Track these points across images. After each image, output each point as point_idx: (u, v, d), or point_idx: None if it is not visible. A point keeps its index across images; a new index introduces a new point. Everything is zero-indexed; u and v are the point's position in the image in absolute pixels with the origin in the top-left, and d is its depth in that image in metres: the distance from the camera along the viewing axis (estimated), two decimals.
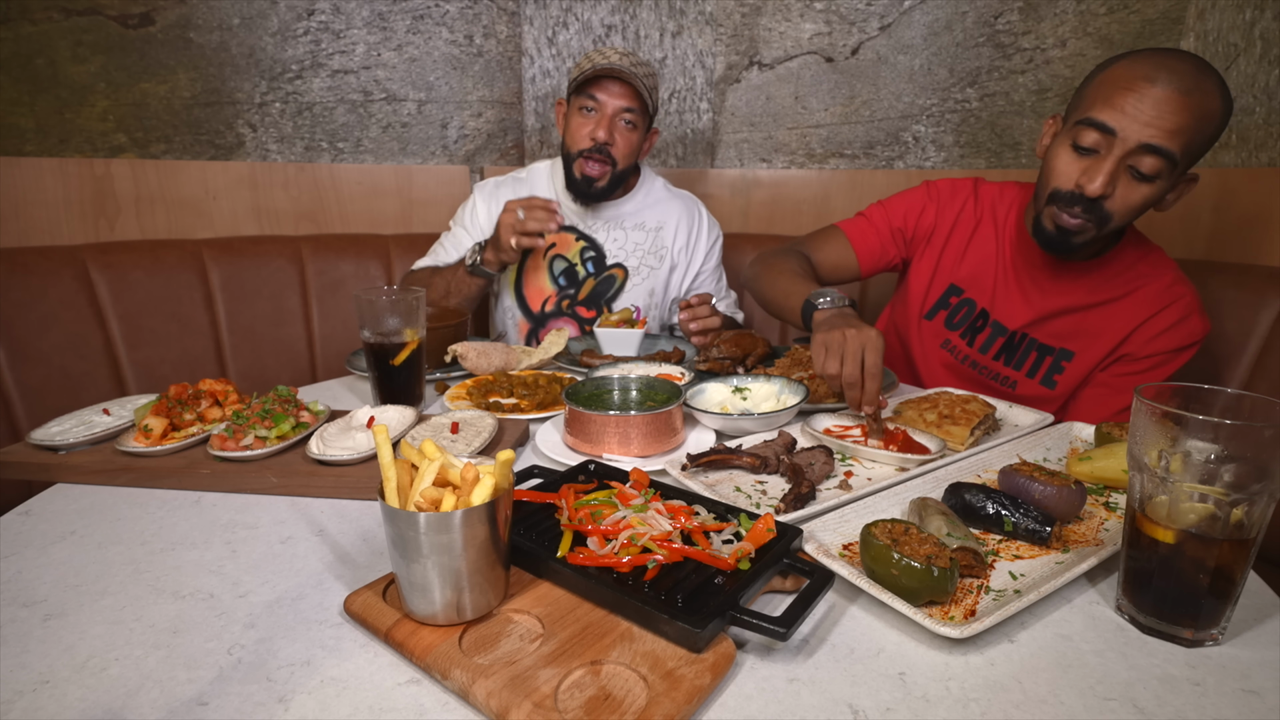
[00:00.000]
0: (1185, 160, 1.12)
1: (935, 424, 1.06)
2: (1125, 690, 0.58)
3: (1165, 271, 1.31)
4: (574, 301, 1.79)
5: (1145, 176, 1.13)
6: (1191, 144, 1.11)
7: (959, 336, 1.46)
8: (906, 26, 2.09)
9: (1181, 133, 1.09)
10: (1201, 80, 1.09)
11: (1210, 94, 1.09)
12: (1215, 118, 1.11)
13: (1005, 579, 0.71)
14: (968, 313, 1.45)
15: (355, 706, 0.55)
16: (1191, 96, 1.08)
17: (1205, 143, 1.13)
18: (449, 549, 0.59)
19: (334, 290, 1.96)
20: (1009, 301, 1.40)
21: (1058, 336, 1.36)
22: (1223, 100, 1.10)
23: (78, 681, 0.57)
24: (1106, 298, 1.32)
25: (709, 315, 1.50)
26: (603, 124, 1.61)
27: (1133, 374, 1.32)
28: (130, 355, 1.75)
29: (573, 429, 1.02)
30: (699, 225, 1.86)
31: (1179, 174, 1.15)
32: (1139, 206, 1.16)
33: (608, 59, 1.58)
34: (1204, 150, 1.14)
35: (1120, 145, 1.11)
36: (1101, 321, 1.33)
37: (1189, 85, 1.08)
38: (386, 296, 1.18)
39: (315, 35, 2.04)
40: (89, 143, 1.92)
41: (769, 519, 0.71)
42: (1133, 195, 1.15)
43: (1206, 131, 1.11)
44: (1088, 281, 1.33)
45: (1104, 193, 1.14)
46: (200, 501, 0.89)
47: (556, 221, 1.51)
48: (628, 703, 0.53)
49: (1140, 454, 0.64)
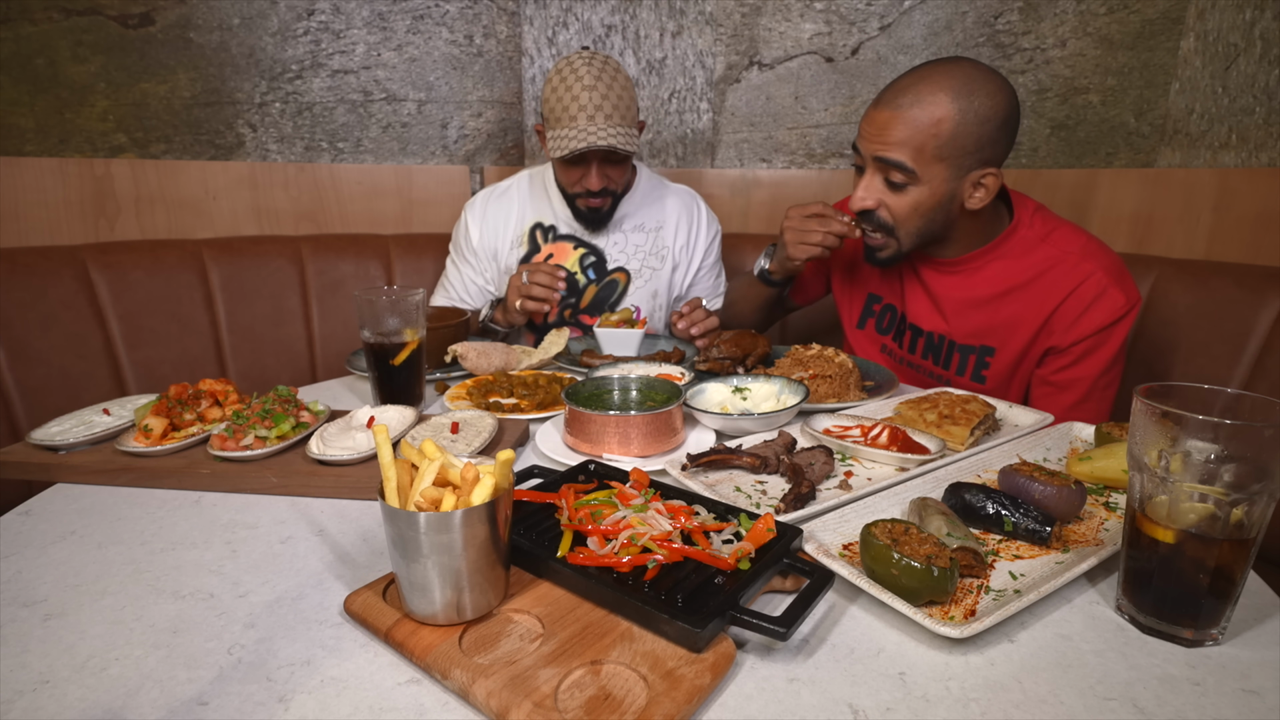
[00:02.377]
0: (934, 164, 1.21)
1: (935, 424, 1.06)
2: (1125, 690, 0.58)
3: (1070, 250, 1.29)
4: (576, 310, 1.78)
5: (896, 184, 1.25)
6: (923, 150, 1.20)
7: (891, 340, 1.52)
8: (906, 26, 2.09)
9: (902, 144, 1.21)
10: (922, 93, 1.20)
11: (929, 103, 1.19)
12: (946, 121, 1.19)
13: (1005, 579, 0.71)
14: (891, 317, 1.52)
15: (355, 706, 0.55)
16: (902, 110, 1.20)
17: (952, 143, 1.19)
18: (449, 549, 0.59)
19: (334, 290, 1.96)
20: (918, 304, 1.45)
21: (973, 335, 1.38)
22: (954, 100, 1.18)
23: (78, 681, 0.57)
24: (1009, 286, 1.32)
25: (706, 318, 1.51)
26: (592, 175, 1.60)
27: (1067, 366, 1.31)
28: (130, 355, 1.75)
29: (573, 429, 1.02)
30: (698, 221, 1.84)
31: (939, 175, 1.23)
32: (909, 211, 1.27)
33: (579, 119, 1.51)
34: (964, 149, 1.20)
35: (867, 162, 1.28)
36: (1013, 312, 1.33)
37: (901, 101, 1.21)
38: (386, 296, 1.18)
39: (315, 35, 2.04)
40: (89, 143, 1.92)
41: (769, 519, 0.71)
42: (896, 202, 1.27)
43: (940, 134, 1.19)
44: (986, 274, 1.34)
45: (863, 206, 1.29)
46: (200, 501, 0.89)
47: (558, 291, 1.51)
48: (628, 702, 0.53)
49: (1140, 454, 0.64)
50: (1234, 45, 1.69)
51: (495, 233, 1.78)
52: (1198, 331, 1.50)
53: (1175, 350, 1.53)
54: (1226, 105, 1.71)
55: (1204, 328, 1.49)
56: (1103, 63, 1.89)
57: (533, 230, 1.78)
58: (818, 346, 1.32)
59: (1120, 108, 1.88)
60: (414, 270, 2.01)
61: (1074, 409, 1.32)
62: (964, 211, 1.29)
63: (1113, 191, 1.89)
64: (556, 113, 1.56)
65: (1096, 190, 1.92)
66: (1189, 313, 1.52)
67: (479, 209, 1.79)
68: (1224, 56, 1.71)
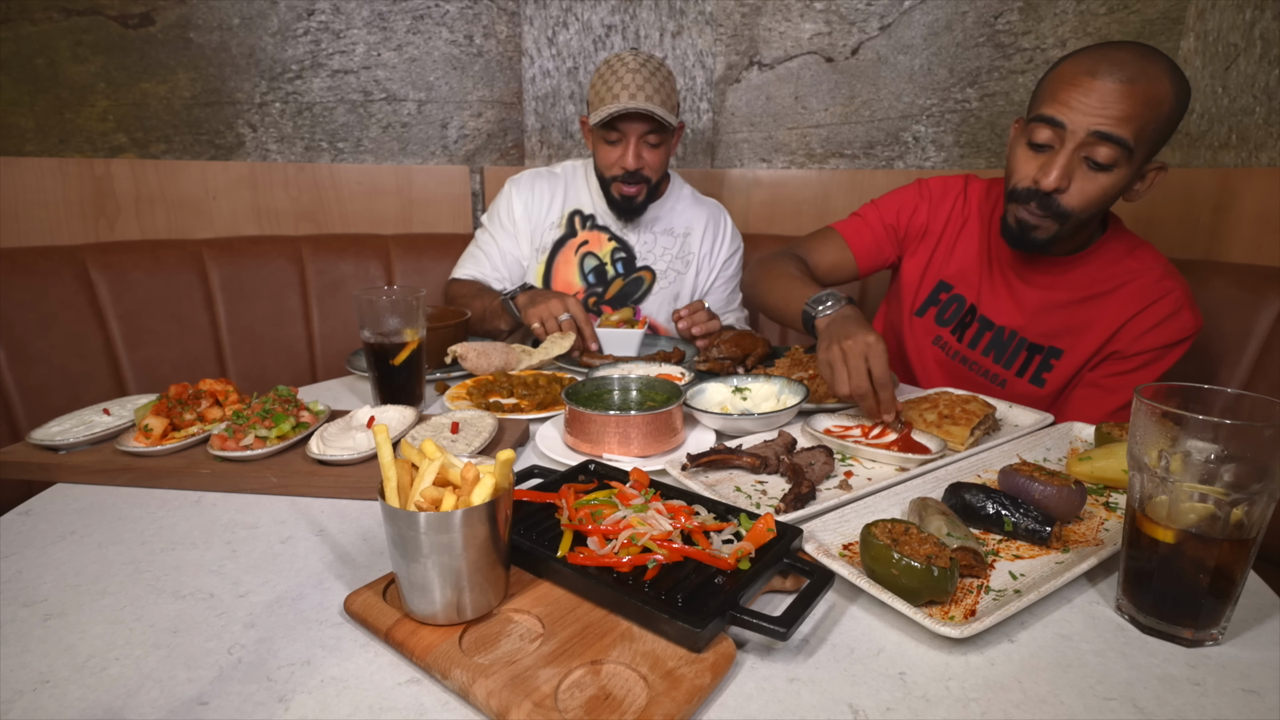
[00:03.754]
0: (1142, 147, 1.14)
1: (935, 424, 1.06)
2: (1125, 690, 0.58)
3: (1154, 266, 1.30)
4: (600, 300, 1.80)
5: (1101, 166, 1.15)
6: (1144, 130, 1.13)
7: (949, 333, 1.47)
8: (906, 26, 2.09)
9: (1130, 119, 1.11)
10: (1147, 67, 1.11)
11: (1157, 80, 1.11)
12: (1166, 102, 1.12)
13: (1005, 579, 0.71)
14: (957, 309, 1.46)
15: (355, 706, 0.55)
16: (1136, 84, 1.11)
17: (1161, 127, 1.14)
18: (449, 549, 0.59)
19: (334, 290, 1.96)
20: (995, 298, 1.41)
21: (1046, 335, 1.36)
22: (1173, 84, 1.12)
23: (78, 681, 0.57)
24: (1093, 293, 1.32)
25: (708, 319, 1.52)
26: (629, 152, 1.63)
27: (1123, 373, 1.31)
28: (130, 355, 1.75)
29: (573, 429, 1.02)
30: (723, 233, 1.89)
31: (1139, 162, 1.16)
32: (1098, 198, 1.18)
33: (620, 97, 1.55)
34: (1162, 136, 1.16)
35: (1071, 138, 1.15)
36: (1089, 317, 1.32)
37: (1132, 74, 1.11)
38: (386, 296, 1.18)
39: (315, 35, 2.04)
40: (89, 143, 1.92)
41: (769, 519, 0.71)
42: (1090, 187, 1.17)
43: (1160, 116, 1.13)
44: (1073, 277, 1.33)
45: (1058, 186, 1.18)
46: (200, 501, 0.89)
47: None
48: (628, 702, 0.53)
49: (1140, 454, 0.64)
50: (1234, 45, 1.69)
51: (538, 209, 1.81)
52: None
53: None
54: (1226, 105, 1.71)
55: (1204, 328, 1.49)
56: None
57: (572, 216, 1.81)
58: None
59: None
60: (414, 270, 2.01)
61: (1114, 414, 1.31)
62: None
63: None
64: (600, 93, 1.60)
65: None
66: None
67: (526, 184, 1.82)
68: (1224, 56, 1.71)
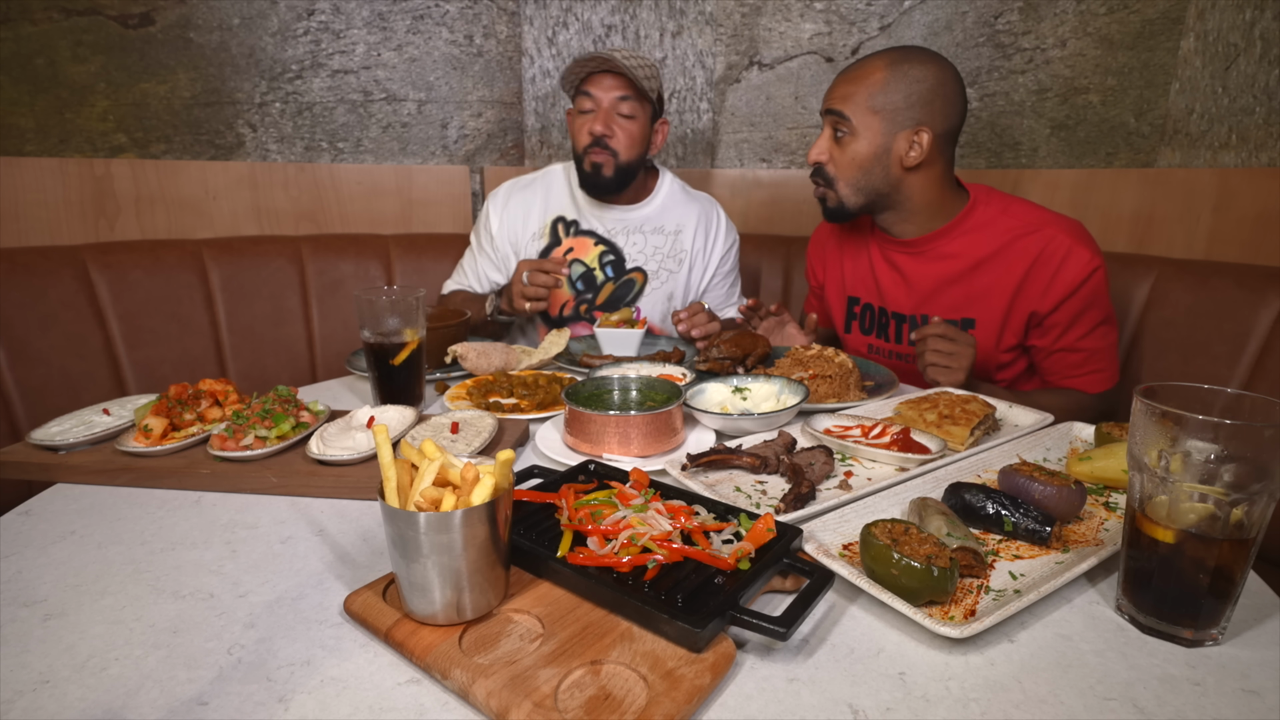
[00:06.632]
0: (864, 113, 1.37)
1: (935, 424, 1.06)
2: (1125, 690, 0.58)
3: (1029, 219, 1.38)
4: (592, 306, 1.79)
5: (839, 135, 1.40)
6: (858, 97, 1.36)
7: (875, 338, 1.60)
8: (906, 26, 2.09)
9: (844, 97, 1.38)
10: (865, 60, 1.38)
11: (870, 65, 1.37)
12: (878, 73, 1.35)
13: (1005, 579, 0.71)
14: (871, 315, 1.60)
15: (355, 706, 0.55)
16: (848, 73, 1.39)
17: (886, 92, 1.34)
18: (449, 549, 0.59)
19: (334, 290, 1.96)
20: (894, 291, 1.53)
21: (953, 308, 1.45)
22: (889, 64, 1.34)
23: (78, 681, 0.57)
24: (979, 257, 1.41)
25: (708, 320, 1.52)
26: (599, 118, 1.63)
27: (1060, 327, 1.38)
28: (130, 355, 1.75)
29: (573, 429, 1.02)
30: (716, 228, 1.86)
31: (873, 126, 1.37)
32: (850, 161, 1.40)
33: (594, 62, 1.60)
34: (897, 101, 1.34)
35: (823, 123, 1.45)
36: (987, 283, 1.41)
37: (851, 68, 1.40)
38: (386, 296, 1.18)
39: (315, 35, 2.04)
40: (89, 143, 1.92)
41: (769, 519, 0.71)
42: (841, 154, 1.41)
43: (875, 83, 1.35)
44: (952, 249, 1.43)
45: (817, 159, 1.44)
46: (200, 501, 0.89)
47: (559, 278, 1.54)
48: (628, 702, 0.53)
49: (1140, 454, 0.64)
50: (1234, 45, 1.69)
51: (517, 224, 1.79)
52: (1198, 331, 1.50)
53: (1175, 350, 1.53)
54: (1226, 105, 1.71)
55: (1204, 328, 1.49)
56: (1103, 63, 1.88)
57: (555, 223, 1.79)
58: (818, 347, 1.32)
59: (1120, 108, 1.88)
60: (414, 270, 2.01)
61: (1084, 374, 1.40)
62: (909, 178, 1.40)
63: (1113, 192, 1.89)
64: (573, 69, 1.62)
65: (1096, 190, 1.92)
66: (1189, 313, 1.52)
67: (502, 200, 1.81)
68: (1224, 56, 1.71)
